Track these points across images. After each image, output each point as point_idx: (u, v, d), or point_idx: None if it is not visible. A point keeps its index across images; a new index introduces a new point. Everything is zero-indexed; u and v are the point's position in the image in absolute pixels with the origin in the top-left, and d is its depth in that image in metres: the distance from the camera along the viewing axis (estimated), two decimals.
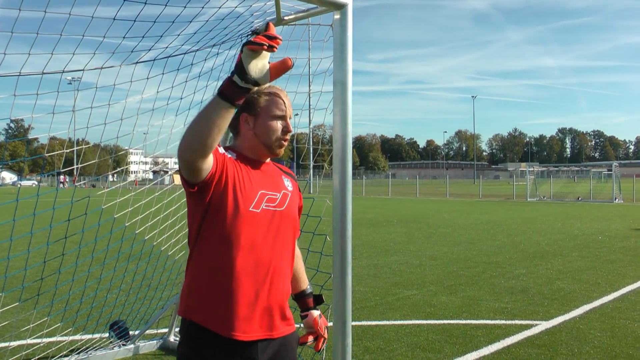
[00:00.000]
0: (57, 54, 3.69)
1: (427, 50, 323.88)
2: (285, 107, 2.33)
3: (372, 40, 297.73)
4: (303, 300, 2.63)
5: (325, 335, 2.60)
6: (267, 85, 2.29)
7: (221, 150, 2.18)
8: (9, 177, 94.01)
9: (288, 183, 2.41)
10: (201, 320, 2.16)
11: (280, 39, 1.89)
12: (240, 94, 1.90)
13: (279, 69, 1.92)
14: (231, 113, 1.92)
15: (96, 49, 3.91)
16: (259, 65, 1.89)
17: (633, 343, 5.52)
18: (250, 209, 2.17)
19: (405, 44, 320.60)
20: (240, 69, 1.87)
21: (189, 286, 2.24)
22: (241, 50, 1.87)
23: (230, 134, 2.70)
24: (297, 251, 2.56)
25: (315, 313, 2.62)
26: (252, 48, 1.85)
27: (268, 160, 2.39)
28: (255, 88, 1.93)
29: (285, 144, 2.34)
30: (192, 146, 1.94)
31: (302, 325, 2.63)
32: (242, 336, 2.14)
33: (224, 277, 2.15)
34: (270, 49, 1.88)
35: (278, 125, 2.31)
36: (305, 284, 2.65)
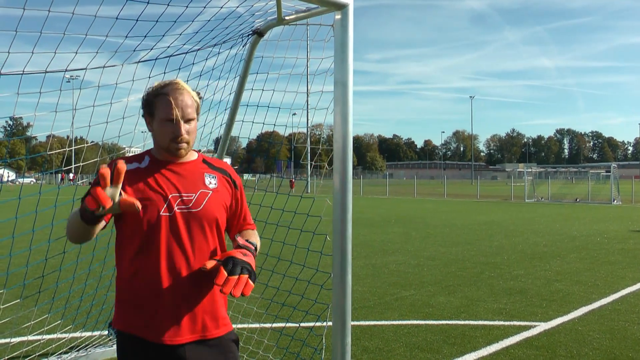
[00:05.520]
0: (59, 52, 3.71)
1: (425, 50, 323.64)
2: (173, 109, 2.15)
3: (369, 40, 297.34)
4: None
5: (225, 273, 2.06)
6: (168, 81, 2.23)
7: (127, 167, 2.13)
8: (7, 174, 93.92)
9: (211, 181, 2.28)
10: (127, 328, 2.18)
11: (105, 174, 1.89)
12: (92, 218, 1.98)
13: (127, 206, 1.94)
14: (94, 226, 2.04)
15: (98, 48, 3.94)
16: (109, 193, 1.92)
17: (632, 345, 5.54)
18: (161, 213, 2.14)
19: (402, 44, 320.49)
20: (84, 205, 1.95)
21: (115, 296, 2.26)
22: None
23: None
24: (253, 232, 2.44)
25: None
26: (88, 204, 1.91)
27: (195, 157, 2.31)
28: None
29: (182, 147, 2.20)
30: (74, 242, 2.20)
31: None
32: (168, 340, 2.13)
33: (143, 284, 2.15)
34: (104, 182, 1.90)
35: (167, 129, 2.18)
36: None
